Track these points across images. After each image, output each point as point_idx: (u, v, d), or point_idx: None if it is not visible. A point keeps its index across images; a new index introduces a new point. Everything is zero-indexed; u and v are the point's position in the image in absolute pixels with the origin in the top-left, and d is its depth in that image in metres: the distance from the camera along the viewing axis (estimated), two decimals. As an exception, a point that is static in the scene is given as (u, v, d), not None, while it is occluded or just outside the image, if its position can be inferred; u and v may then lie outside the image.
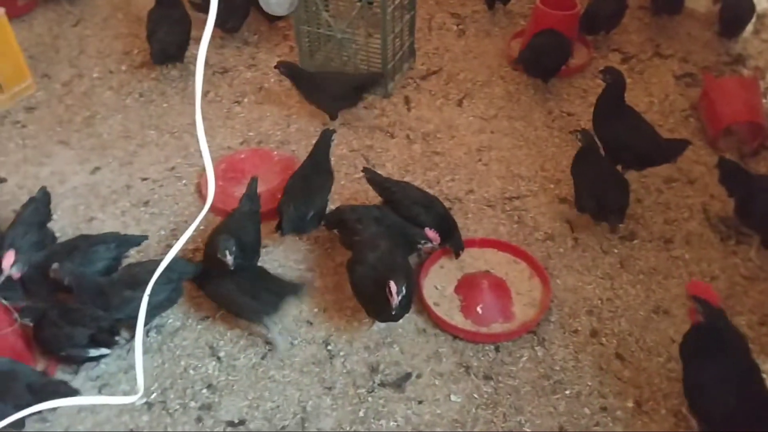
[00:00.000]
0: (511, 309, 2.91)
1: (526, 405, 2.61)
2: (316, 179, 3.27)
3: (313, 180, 3.25)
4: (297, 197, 3.16)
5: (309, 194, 3.19)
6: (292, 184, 3.24)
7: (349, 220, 3.02)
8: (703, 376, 2.37)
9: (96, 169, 3.67)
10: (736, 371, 2.34)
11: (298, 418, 2.59)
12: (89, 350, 2.58)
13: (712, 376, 2.34)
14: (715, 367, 2.34)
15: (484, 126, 3.95)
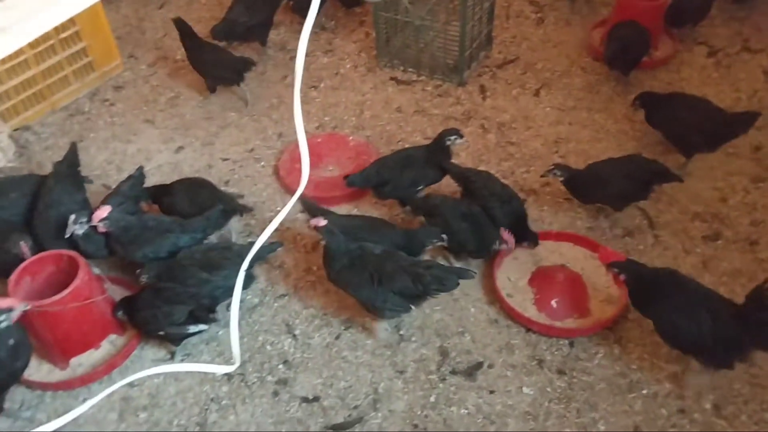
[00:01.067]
0: (587, 305, 2.87)
1: (601, 402, 2.58)
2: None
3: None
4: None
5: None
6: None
7: (439, 210, 3.04)
8: (665, 314, 2.51)
9: (180, 148, 3.81)
10: (686, 296, 2.50)
11: (370, 398, 2.64)
12: (189, 327, 2.67)
13: (670, 311, 2.49)
14: (668, 301, 2.50)
15: (561, 117, 3.88)
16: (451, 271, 2.70)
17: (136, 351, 2.80)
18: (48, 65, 3.92)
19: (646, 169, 3.18)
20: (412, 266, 2.66)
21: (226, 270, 2.78)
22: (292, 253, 3.21)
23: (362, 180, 3.34)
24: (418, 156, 3.30)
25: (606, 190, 3.15)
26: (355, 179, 3.34)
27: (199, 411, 2.60)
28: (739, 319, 2.42)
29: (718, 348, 2.45)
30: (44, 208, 2.90)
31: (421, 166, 3.26)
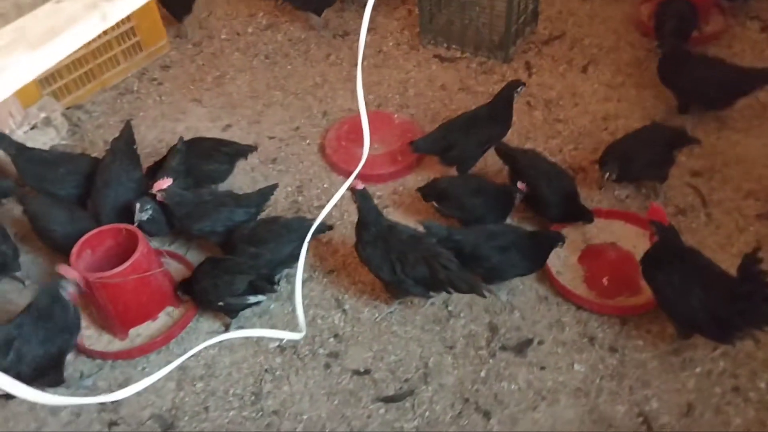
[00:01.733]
0: (639, 283, 2.84)
1: (654, 380, 2.56)
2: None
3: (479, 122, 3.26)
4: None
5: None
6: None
7: (449, 192, 3.06)
8: (671, 285, 2.51)
9: (227, 126, 3.86)
10: (698, 275, 2.49)
11: (420, 372, 2.67)
12: (248, 297, 2.72)
13: (678, 284, 2.49)
14: (679, 275, 2.49)
15: (610, 94, 3.82)
16: (465, 280, 2.63)
17: (191, 323, 2.87)
18: (98, 45, 3.99)
19: (665, 135, 3.18)
20: (433, 257, 2.64)
21: (271, 243, 2.84)
22: (339, 230, 3.24)
23: (428, 144, 3.33)
24: (482, 115, 3.28)
25: (635, 164, 3.11)
26: (421, 144, 3.34)
27: (253, 381, 2.66)
28: (732, 295, 2.38)
29: (714, 324, 2.43)
30: (102, 186, 2.99)
31: (486, 124, 3.24)
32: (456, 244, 2.77)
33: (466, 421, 2.50)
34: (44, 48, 1.01)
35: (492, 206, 3.06)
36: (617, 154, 3.12)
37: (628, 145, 3.15)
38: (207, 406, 2.60)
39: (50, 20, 1.06)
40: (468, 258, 2.76)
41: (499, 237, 2.80)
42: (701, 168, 3.35)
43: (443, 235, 2.79)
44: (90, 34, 1.09)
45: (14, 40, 1.02)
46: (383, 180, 3.47)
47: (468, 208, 3.03)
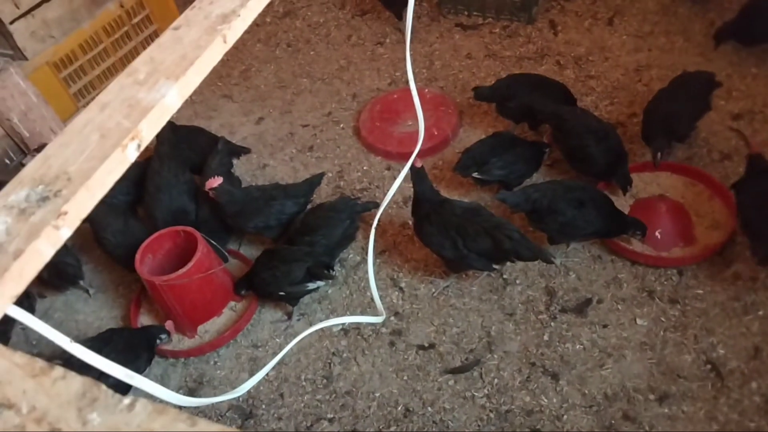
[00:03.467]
0: (692, 232, 2.84)
1: (717, 327, 2.58)
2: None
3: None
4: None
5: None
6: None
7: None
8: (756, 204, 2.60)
9: (260, 119, 3.90)
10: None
11: (484, 341, 2.72)
12: (307, 285, 2.79)
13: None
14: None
15: (639, 44, 3.77)
16: (530, 247, 2.63)
17: (255, 315, 2.95)
18: (116, 37, 3.98)
19: (700, 82, 3.12)
20: (495, 228, 2.65)
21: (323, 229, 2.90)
22: (385, 210, 3.26)
23: (491, 91, 3.35)
24: (553, 85, 3.31)
25: (681, 124, 3.04)
26: (484, 90, 3.37)
27: (322, 365, 2.74)
28: None
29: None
30: (155, 191, 3.05)
31: (550, 92, 3.26)
32: (535, 202, 2.76)
33: (535, 384, 2.55)
34: (183, 77, 1.05)
35: (528, 158, 3.11)
36: (659, 125, 3.02)
37: (666, 107, 3.05)
38: (282, 393, 2.69)
39: (178, 49, 1.10)
40: (544, 212, 2.75)
41: (576, 191, 2.79)
42: (741, 110, 3.31)
43: (521, 199, 2.78)
44: (216, 58, 1.13)
45: (152, 71, 1.07)
46: (421, 156, 3.47)
47: (508, 164, 3.04)
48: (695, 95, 3.08)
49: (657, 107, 3.08)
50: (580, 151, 2.99)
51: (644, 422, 2.38)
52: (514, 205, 2.77)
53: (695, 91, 3.10)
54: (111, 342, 2.64)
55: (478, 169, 3.07)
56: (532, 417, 2.46)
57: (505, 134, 3.21)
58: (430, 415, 2.53)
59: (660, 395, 2.44)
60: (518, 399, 2.52)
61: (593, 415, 2.43)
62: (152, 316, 3.02)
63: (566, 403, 2.48)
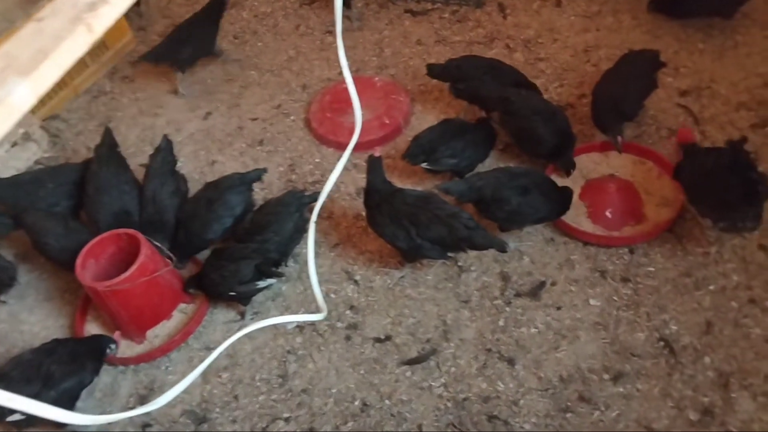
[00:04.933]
0: (642, 210, 2.85)
1: (669, 303, 2.59)
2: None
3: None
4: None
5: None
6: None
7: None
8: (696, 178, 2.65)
9: (207, 114, 3.79)
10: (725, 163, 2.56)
11: (440, 330, 2.69)
12: (257, 283, 2.71)
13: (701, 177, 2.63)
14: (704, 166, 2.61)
15: (587, 24, 3.76)
16: (484, 235, 2.61)
17: (207, 316, 2.87)
18: None
19: (645, 60, 3.12)
20: (450, 216, 2.62)
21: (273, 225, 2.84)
22: (338, 202, 3.22)
23: (442, 69, 3.33)
24: (506, 70, 3.27)
25: (629, 103, 3.04)
26: (436, 67, 3.34)
27: (278, 364, 2.68)
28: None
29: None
30: (95, 193, 2.94)
31: (503, 76, 3.22)
32: (479, 191, 2.74)
33: (491, 370, 2.54)
34: (36, 72, 0.97)
35: (478, 143, 3.08)
36: (608, 107, 3.02)
37: (613, 88, 3.04)
38: (236, 394, 2.62)
39: (36, 42, 1.01)
40: (490, 202, 2.73)
41: (520, 178, 2.78)
42: (689, 87, 3.33)
43: (464, 188, 2.76)
44: (80, 50, 1.05)
45: (3, 68, 0.98)
46: (373, 145, 3.43)
47: (458, 152, 3.00)
48: (641, 74, 3.09)
49: (604, 89, 3.08)
50: (527, 133, 2.98)
51: (599, 402, 2.38)
52: (459, 196, 2.74)
53: (641, 69, 3.10)
54: (54, 353, 2.54)
55: (428, 157, 3.03)
56: (489, 403, 2.45)
57: (454, 121, 3.17)
58: (387, 408, 2.49)
59: (614, 374, 2.44)
60: (475, 386, 2.50)
61: (549, 398, 2.42)
62: (99, 323, 2.91)
63: (522, 388, 2.47)
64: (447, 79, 3.36)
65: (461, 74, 3.28)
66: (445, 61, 3.38)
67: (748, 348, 2.43)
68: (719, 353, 2.43)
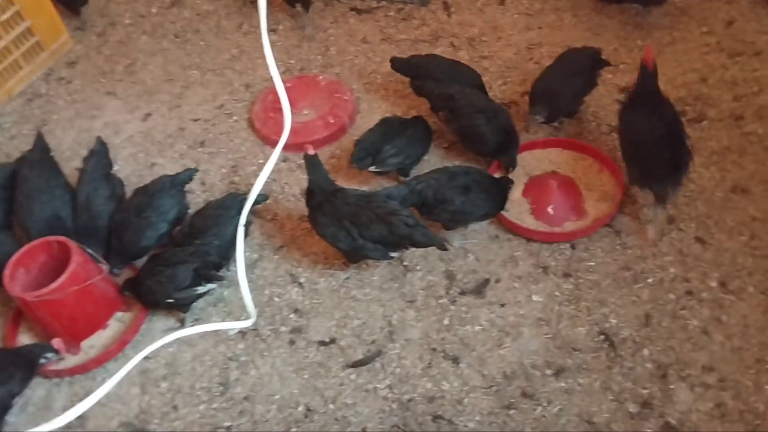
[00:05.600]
0: (583, 205, 2.88)
1: (609, 297, 2.62)
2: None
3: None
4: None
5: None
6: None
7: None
8: (635, 128, 2.73)
9: (147, 115, 3.68)
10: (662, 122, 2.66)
11: (385, 331, 2.66)
12: (196, 289, 2.62)
13: (642, 128, 2.69)
14: (645, 120, 2.68)
15: (530, 22, 3.79)
16: (424, 233, 2.59)
17: (144, 324, 2.78)
18: None
19: (584, 58, 3.15)
20: (390, 214, 2.59)
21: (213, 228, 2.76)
22: (282, 204, 3.17)
23: (404, 63, 3.33)
24: (466, 72, 3.25)
25: (564, 100, 3.07)
26: (399, 61, 3.35)
27: (219, 371, 2.61)
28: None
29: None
30: (25, 199, 2.82)
31: (462, 78, 3.20)
32: (420, 194, 2.73)
33: (436, 370, 2.52)
34: None
35: (419, 139, 3.08)
36: (544, 95, 3.05)
37: (550, 85, 3.07)
38: (175, 404, 2.54)
39: None
40: (432, 203, 2.72)
41: (460, 177, 2.77)
42: (628, 83, 3.38)
43: (405, 192, 2.74)
44: None
45: None
46: (318, 145, 3.37)
47: (401, 149, 3.00)
48: (580, 72, 3.12)
49: (541, 85, 3.09)
50: (471, 131, 2.97)
51: (542, 398, 2.39)
52: (401, 200, 2.71)
53: (580, 67, 3.13)
54: (-21, 364, 2.42)
55: (373, 159, 3.00)
56: (434, 403, 2.43)
57: (392, 119, 3.15)
58: (331, 413, 2.45)
59: (556, 369, 2.45)
60: (420, 386, 2.48)
61: (493, 395, 2.42)
62: (33, 334, 2.79)
63: (467, 386, 2.46)
64: (407, 74, 3.35)
65: (420, 71, 3.26)
66: (409, 57, 3.39)
67: (685, 339, 2.47)
68: (658, 345, 2.47)
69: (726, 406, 2.29)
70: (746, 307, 2.52)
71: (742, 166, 2.95)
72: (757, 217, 2.76)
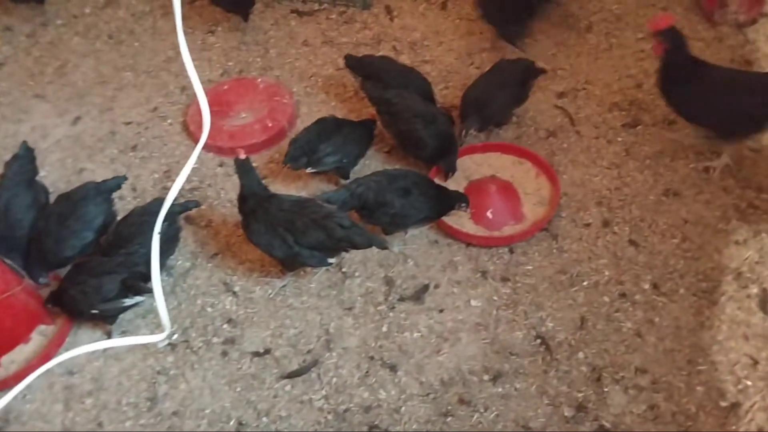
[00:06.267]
0: (521, 210, 2.88)
1: (546, 301, 2.63)
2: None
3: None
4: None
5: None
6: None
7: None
8: (686, 94, 2.78)
9: (77, 119, 3.53)
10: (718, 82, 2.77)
11: (322, 340, 2.60)
12: (124, 300, 2.50)
13: (694, 91, 2.76)
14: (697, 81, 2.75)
15: (471, 27, 3.80)
16: (362, 234, 2.55)
17: (69, 338, 2.65)
18: None
19: (517, 70, 3.15)
20: (325, 218, 2.54)
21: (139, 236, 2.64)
22: (218, 210, 3.07)
23: (357, 62, 3.29)
24: (412, 74, 3.23)
25: (492, 109, 3.06)
26: (353, 59, 3.31)
27: (147, 386, 2.50)
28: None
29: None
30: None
31: (406, 78, 3.18)
32: (360, 197, 2.68)
33: (373, 378, 2.47)
34: None
35: (357, 138, 3.04)
36: (473, 105, 3.04)
37: (483, 91, 3.08)
38: (100, 421, 2.41)
39: None
40: (373, 207, 2.68)
41: (400, 179, 2.73)
42: (565, 88, 3.42)
43: (345, 196, 2.69)
44: None
45: None
46: (257, 150, 3.30)
47: (338, 148, 2.96)
48: (511, 83, 3.11)
49: (471, 95, 3.10)
50: (409, 135, 2.95)
51: (479, 404, 2.36)
52: (341, 204, 2.66)
53: (512, 78, 3.12)
54: None
55: (309, 159, 2.93)
56: (371, 413, 2.38)
57: (328, 118, 3.10)
58: (264, 426, 2.37)
59: (494, 375, 2.44)
60: (357, 396, 2.43)
61: (430, 402, 2.39)
62: (-54, 351, 2.62)
63: (404, 394, 2.42)
64: (359, 74, 3.31)
65: (370, 72, 3.21)
66: (362, 56, 3.36)
67: (619, 342, 2.49)
68: (592, 348, 2.48)
69: (659, 408, 2.32)
70: (678, 308, 2.56)
71: (674, 169, 3.01)
72: (688, 219, 2.81)
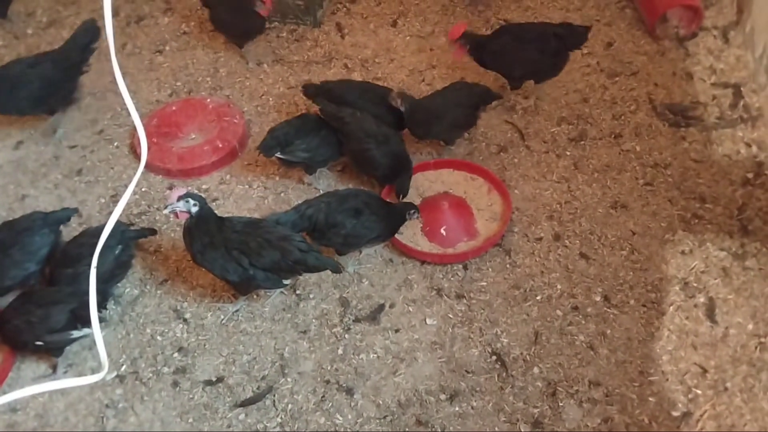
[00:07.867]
0: (474, 226, 2.90)
1: (500, 316, 2.64)
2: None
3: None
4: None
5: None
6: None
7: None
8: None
9: (18, 143, 3.41)
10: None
11: (276, 365, 2.55)
12: (71, 332, 2.41)
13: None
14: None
15: (422, 44, 3.82)
16: (317, 256, 2.52)
17: (12, 372, 2.53)
18: None
19: (473, 94, 3.16)
20: (281, 240, 2.50)
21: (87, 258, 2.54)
22: (167, 235, 3.00)
23: (317, 89, 3.22)
24: (379, 91, 3.19)
25: (440, 124, 3.07)
26: (311, 87, 3.25)
27: (94, 421, 2.41)
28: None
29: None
30: None
31: (375, 101, 3.13)
32: (310, 219, 2.66)
33: (330, 403, 2.44)
34: None
35: (333, 142, 3.01)
36: (421, 112, 3.05)
37: (435, 105, 3.09)
38: (45, 461, 2.32)
39: None
40: (324, 228, 2.66)
41: (350, 200, 2.72)
42: (514, 103, 3.46)
43: (294, 217, 2.66)
44: None
45: None
46: (207, 171, 3.25)
47: (312, 147, 2.98)
48: (466, 105, 3.11)
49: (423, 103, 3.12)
50: (361, 155, 2.94)
51: (436, 425, 2.35)
52: (291, 225, 2.63)
53: (467, 101, 3.12)
54: None
55: (282, 149, 2.94)
56: (327, 439, 2.34)
57: (312, 116, 3.10)
58: (218, 457, 2.31)
59: (450, 394, 2.43)
60: (313, 422, 2.39)
61: (388, 425, 2.37)
62: None
63: (361, 418, 2.39)
64: (325, 98, 3.21)
65: (334, 95, 3.16)
66: (321, 83, 3.29)
67: (572, 355, 2.52)
68: (547, 362, 2.50)
69: (613, 421, 2.34)
70: (629, 320, 2.60)
71: (621, 182, 3.07)
72: (636, 231, 2.87)
